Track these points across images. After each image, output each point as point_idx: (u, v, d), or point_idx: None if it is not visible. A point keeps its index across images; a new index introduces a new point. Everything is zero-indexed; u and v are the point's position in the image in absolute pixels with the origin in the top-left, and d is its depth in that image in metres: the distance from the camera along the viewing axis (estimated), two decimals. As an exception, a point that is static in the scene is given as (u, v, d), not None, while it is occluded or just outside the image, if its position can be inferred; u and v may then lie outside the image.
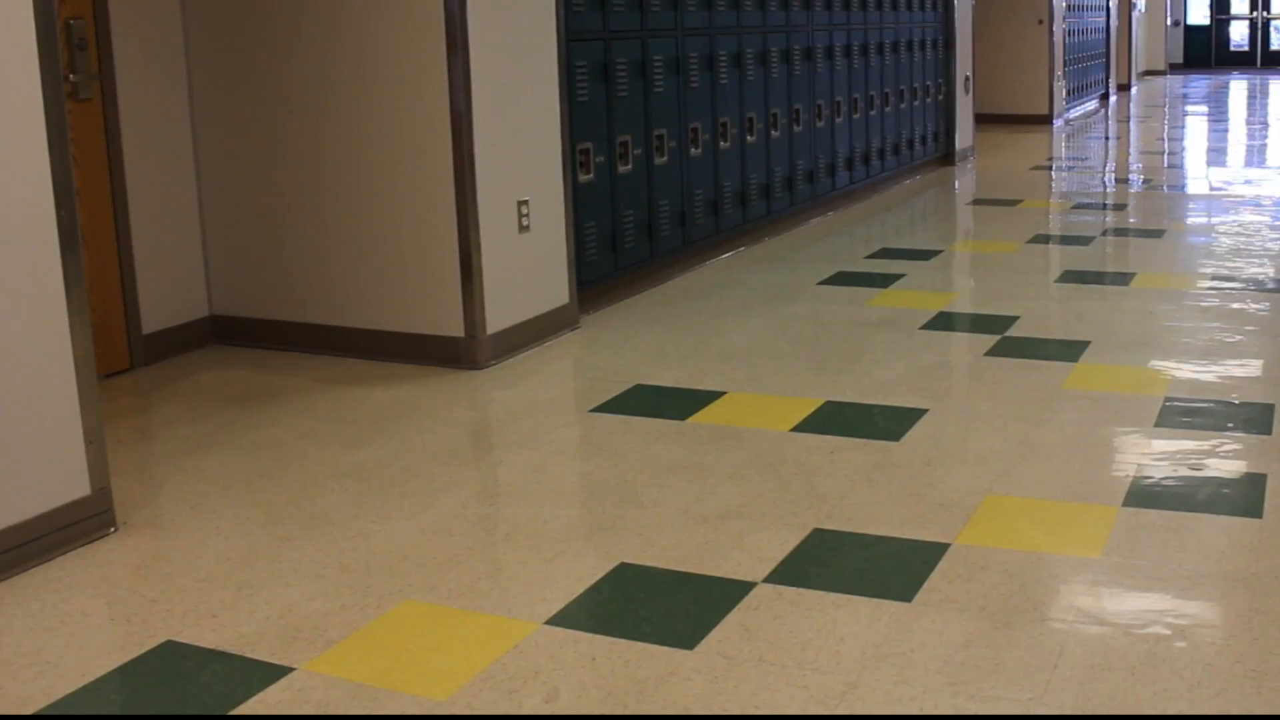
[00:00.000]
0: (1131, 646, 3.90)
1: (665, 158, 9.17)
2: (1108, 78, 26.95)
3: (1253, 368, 6.88)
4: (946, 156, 16.05)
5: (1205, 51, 40.22)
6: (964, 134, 16.55)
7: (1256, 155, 17.75)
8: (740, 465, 5.54)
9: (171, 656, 4.03)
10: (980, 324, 8.01)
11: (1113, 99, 26.98)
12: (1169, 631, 3.99)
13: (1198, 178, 15.46)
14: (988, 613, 4.15)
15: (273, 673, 3.91)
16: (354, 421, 6.31)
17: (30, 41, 4.68)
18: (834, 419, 6.17)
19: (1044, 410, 6.19)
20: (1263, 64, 39.39)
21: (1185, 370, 6.80)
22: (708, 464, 5.57)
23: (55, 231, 4.75)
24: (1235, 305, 8.20)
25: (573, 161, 7.99)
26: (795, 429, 6.02)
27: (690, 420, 6.18)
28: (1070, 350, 7.21)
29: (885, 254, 10.36)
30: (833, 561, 4.59)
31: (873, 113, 13.29)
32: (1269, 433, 5.80)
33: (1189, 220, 12.13)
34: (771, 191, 10.90)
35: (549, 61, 7.63)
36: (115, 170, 7.11)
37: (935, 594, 4.30)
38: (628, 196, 8.74)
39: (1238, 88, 31.71)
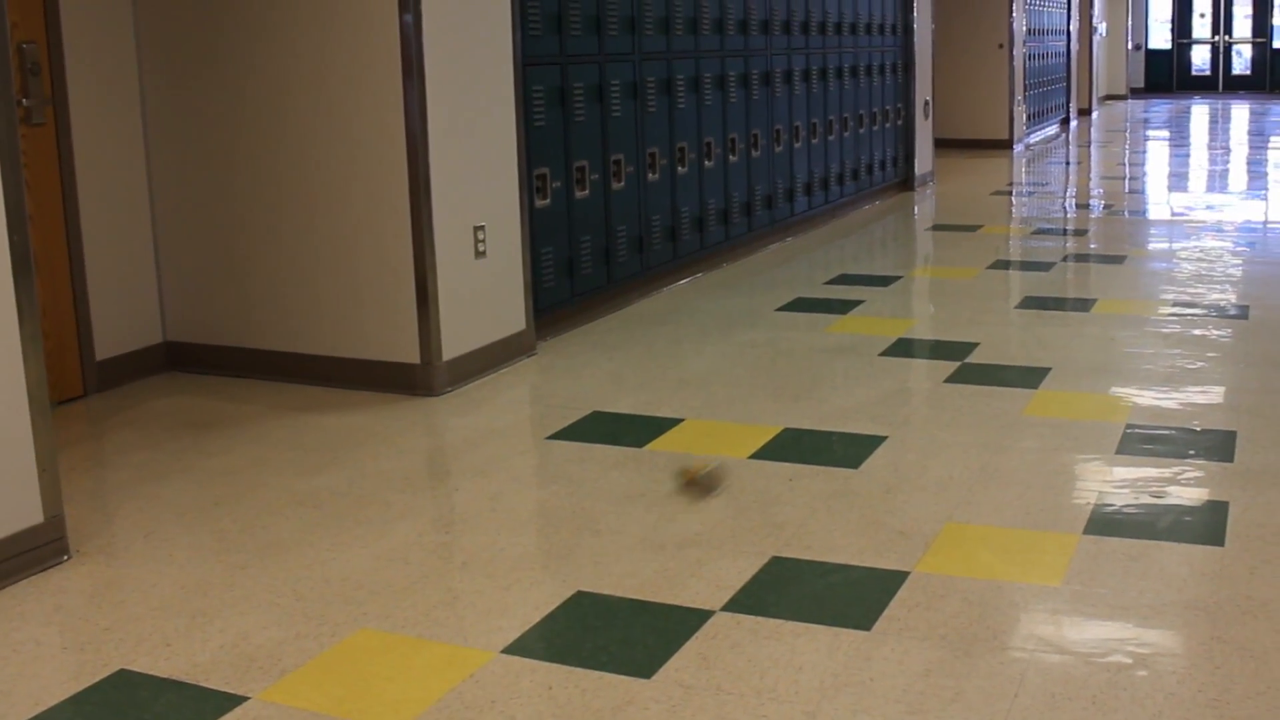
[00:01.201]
0: (1092, 675, 3.94)
1: (622, 183, 9.21)
2: (1068, 102, 27.07)
3: (1214, 394, 6.95)
4: (906, 182, 16.11)
5: (1167, 76, 40.44)
6: (923, 159, 16.62)
7: (1218, 180, 17.86)
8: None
9: (125, 686, 4.04)
10: (940, 350, 8.05)
11: (1073, 124, 27.10)
12: (1130, 660, 4.03)
13: (1159, 203, 15.56)
14: (948, 641, 4.18)
15: (227, 702, 3.91)
16: (309, 448, 6.32)
17: (-17, 65, 4.69)
18: (792, 446, 6.20)
19: (1004, 437, 6.23)
20: (1224, 88, 39.63)
21: (1146, 397, 6.85)
22: (665, 492, 5.60)
23: (8, 256, 4.76)
24: (1197, 331, 8.27)
25: (529, 187, 8.01)
26: (753, 456, 6.04)
27: (648, 447, 6.21)
28: (1031, 377, 7.25)
29: (844, 280, 10.40)
30: (791, 590, 4.61)
31: (831, 138, 13.35)
32: (1231, 460, 5.84)
33: (1150, 246, 12.21)
34: (730, 217, 10.95)
35: (505, 86, 7.66)
36: (68, 195, 7.11)
37: (895, 622, 4.33)
38: (585, 222, 8.77)
39: (1199, 112, 31.90)
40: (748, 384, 7.38)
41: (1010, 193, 16.49)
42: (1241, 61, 40.00)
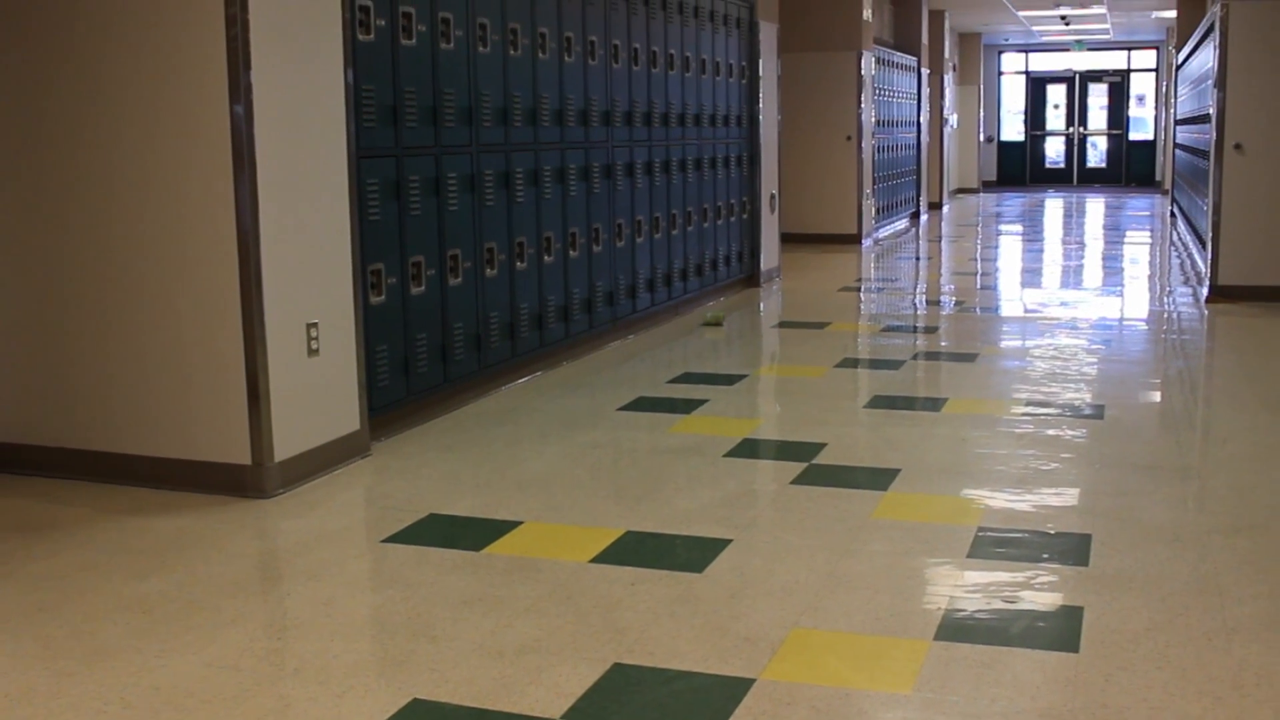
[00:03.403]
0: (939, 780, 4.05)
1: (459, 279, 9.30)
2: (919, 196, 27.49)
3: (1069, 497, 7.05)
4: (751, 278, 16.32)
5: (1020, 169, 41.18)
6: (769, 254, 16.83)
7: (1072, 276, 18.19)
8: (538, 597, 5.62)
9: (-54, 800, 4.07)
10: (786, 451, 8.14)
11: (924, 218, 27.51)
12: (979, 767, 4.14)
13: (1011, 299, 15.81)
14: (792, 747, 4.27)
15: (54, 815, 3.95)
16: (137, 552, 6.31)
17: None
18: (635, 550, 6.25)
19: (852, 540, 6.31)
20: (1079, 181, 40.42)
21: (999, 499, 6.96)
22: (504, 596, 5.64)
23: None
24: (1050, 431, 8.44)
25: (364, 283, 8.08)
26: (595, 560, 6.10)
27: (486, 551, 6.25)
28: (880, 478, 7.35)
29: (688, 379, 10.50)
30: (634, 698, 4.66)
31: (675, 232, 13.53)
32: (1086, 564, 5.93)
33: (1002, 343, 12.39)
34: (570, 314, 11.07)
35: (339, 179, 7.72)
36: (-122, 288, 7.10)
37: (739, 729, 4.40)
38: (420, 319, 8.85)
39: (1053, 205, 32.46)
40: (589, 485, 7.45)
41: (859, 289, 16.73)
42: (1096, 154, 40.85)
